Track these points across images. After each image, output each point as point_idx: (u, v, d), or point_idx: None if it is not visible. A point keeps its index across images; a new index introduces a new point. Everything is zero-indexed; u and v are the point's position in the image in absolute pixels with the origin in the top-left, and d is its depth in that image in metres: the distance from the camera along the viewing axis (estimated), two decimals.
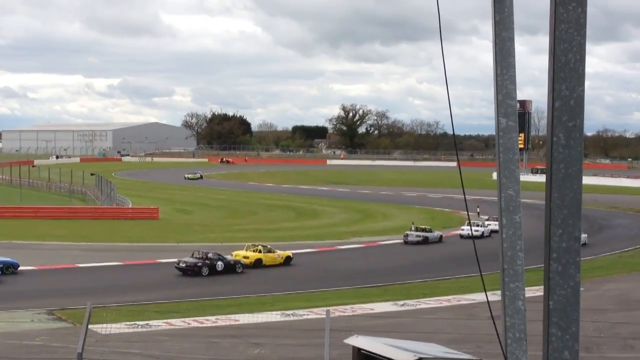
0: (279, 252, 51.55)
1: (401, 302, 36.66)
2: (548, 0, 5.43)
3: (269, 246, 52.16)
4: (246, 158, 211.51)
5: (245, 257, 49.43)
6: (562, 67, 5.22)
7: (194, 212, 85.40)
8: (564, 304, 5.30)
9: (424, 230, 63.23)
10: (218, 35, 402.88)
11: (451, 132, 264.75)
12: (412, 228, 63.74)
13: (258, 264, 49.39)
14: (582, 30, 5.27)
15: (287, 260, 51.24)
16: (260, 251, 50.46)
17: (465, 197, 8.66)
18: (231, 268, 47.20)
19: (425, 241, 61.48)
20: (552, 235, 5.29)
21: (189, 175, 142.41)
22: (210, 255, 47.03)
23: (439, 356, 8.92)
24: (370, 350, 9.34)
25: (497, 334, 6.47)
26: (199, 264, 46.02)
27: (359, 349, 9.76)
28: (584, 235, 74.36)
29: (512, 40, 6.23)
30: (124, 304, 35.20)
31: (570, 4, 5.21)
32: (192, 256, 46.82)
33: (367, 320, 31.65)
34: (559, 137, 5.23)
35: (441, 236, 63.77)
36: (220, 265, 46.70)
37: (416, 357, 8.37)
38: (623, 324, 29.99)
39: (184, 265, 46.06)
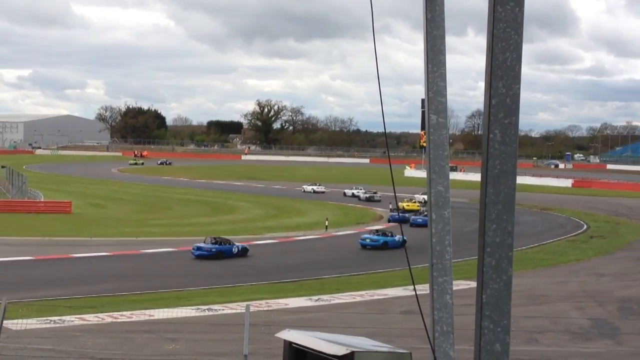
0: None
1: (315, 297, 36.88)
2: (459, 1, 5.53)
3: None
4: (144, 153, 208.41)
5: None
6: (499, 65, 5.32)
7: (107, 206, 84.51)
8: (496, 298, 5.41)
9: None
10: (131, 28, 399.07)
11: (364, 129, 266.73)
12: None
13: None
14: (519, 29, 5.39)
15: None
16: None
17: (395, 193, 8.75)
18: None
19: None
20: (487, 230, 5.39)
21: (131, 161, 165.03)
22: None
23: (370, 349, 8.99)
24: (303, 344, 9.37)
25: (425, 328, 6.56)
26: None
27: (291, 343, 9.77)
28: None
29: (443, 38, 6.34)
30: (36, 299, 34.68)
31: (508, 3, 5.32)
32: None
33: (284, 315, 31.71)
34: (495, 133, 5.34)
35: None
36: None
37: (348, 351, 8.42)
38: (528, 318, 30.56)
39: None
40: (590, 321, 32.46)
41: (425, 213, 65.60)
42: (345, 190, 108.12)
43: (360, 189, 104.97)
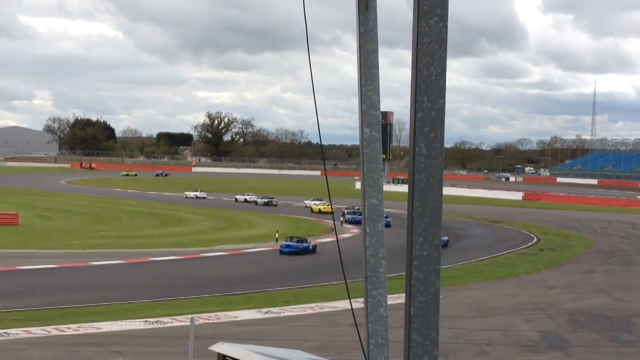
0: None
1: (265, 310, 36.88)
2: (410, 15, 5.59)
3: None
4: (92, 164, 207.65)
5: None
6: (424, 79, 5.38)
7: (55, 218, 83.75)
8: (424, 311, 5.44)
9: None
10: (78, 38, 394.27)
11: (315, 141, 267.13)
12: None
13: None
14: (443, 45, 5.45)
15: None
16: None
17: (331, 203, 8.80)
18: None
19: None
20: (414, 243, 5.43)
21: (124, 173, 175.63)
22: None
23: None
24: (235, 357, 9.38)
25: (360, 341, 6.60)
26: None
27: (224, 356, 9.79)
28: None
29: (375, 52, 6.38)
30: None
31: (432, 18, 5.38)
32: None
33: (232, 327, 31.70)
34: (421, 147, 5.39)
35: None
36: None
37: None
38: (479, 331, 30.81)
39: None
40: (540, 334, 32.79)
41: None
42: (237, 196, 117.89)
43: (252, 195, 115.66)
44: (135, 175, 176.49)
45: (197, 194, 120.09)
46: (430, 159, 5.36)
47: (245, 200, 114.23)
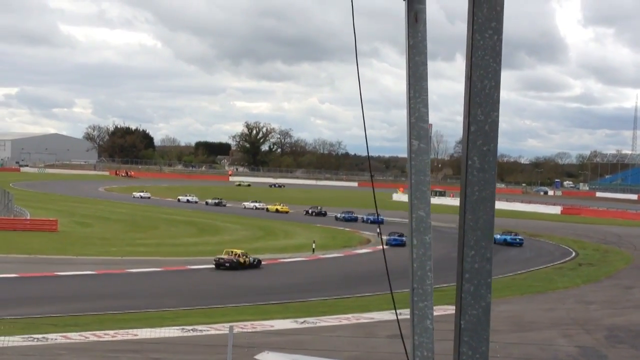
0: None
1: (301, 320, 36.82)
2: (448, 27, 5.60)
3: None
4: (131, 172, 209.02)
5: None
6: (477, 92, 5.36)
7: (94, 225, 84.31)
8: (474, 324, 5.41)
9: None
10: (118, 47, 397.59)
11: (353, 152, 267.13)
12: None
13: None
14: (497, 58, 5.43)
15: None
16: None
17: (378, 214, 8.78)
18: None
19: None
20: (465, 257, 5.41)
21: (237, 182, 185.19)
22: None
23: None
24: None
25: (406, 353, 6.57)
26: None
27: None
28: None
29: (425, 64, 6.37)
30: (20, 316, 34.56)
31: (486, 31, 5.37)
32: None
33: (268, 337, 31.68)
34: (474, 160, 5.37)
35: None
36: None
37: None
38: (516, 345, 30.61)
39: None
40: (578, 349, 32.50)
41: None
42: (180, 197, 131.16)
43: (193, 196, 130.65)
44: (249, 185, 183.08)
45: (142, 194, 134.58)
46: (483, 172, 5.34)
47: (188, 201, 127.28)
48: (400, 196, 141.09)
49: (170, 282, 49.64)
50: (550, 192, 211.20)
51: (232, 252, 57.38)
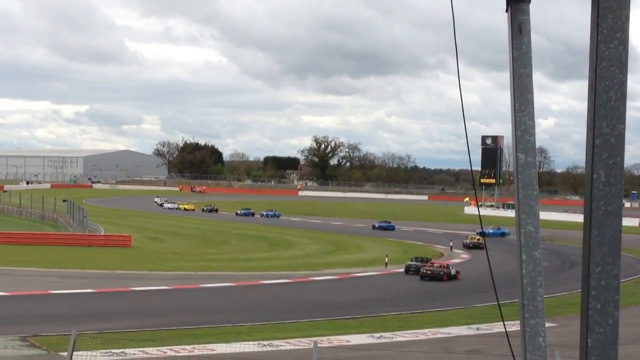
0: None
1: (377, 335, 36.54)
2: (535, 37, 5.49)
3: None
4: (202, 188, 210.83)
5: None
6: (603, 104, 5.23)
7: (166, 240, 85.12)
8: (602, 342, 5.28)
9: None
10: (184, 64, 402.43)
11: (422, 166, 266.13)
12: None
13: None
14: (623, 69, 5.29)
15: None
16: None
17: (482, 229, 8.64)
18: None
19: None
20: (591, 273, 5.28)
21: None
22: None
23: None
24: None
25: None
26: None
27: None
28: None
29: (530, 76, 6.26)
30: (97, 331, 34.85)
31: (612, 42, 5.24)
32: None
33: (346, 352, 31.53)
34: (599, 174, 5.24)
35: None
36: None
37: None
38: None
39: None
40: None
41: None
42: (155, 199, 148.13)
43: (164, 198, 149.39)
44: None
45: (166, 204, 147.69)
46: (610, 186, 5.21)
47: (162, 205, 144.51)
48: (472, 209, 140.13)
49: (244, 297, 49.73)
50: (627, 204, 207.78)
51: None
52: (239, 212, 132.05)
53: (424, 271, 59.17)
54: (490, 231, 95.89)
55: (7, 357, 28.71)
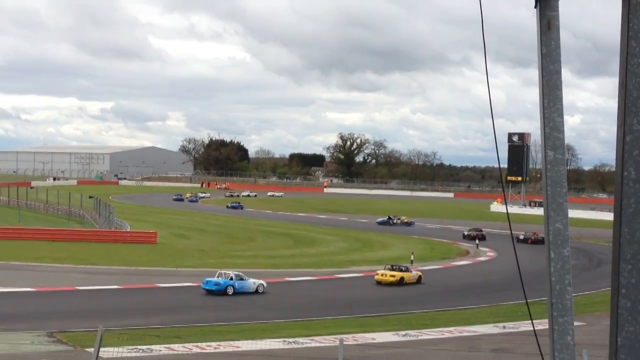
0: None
1: (403, 333, 36.48)
2: (562, 34, 5.42)
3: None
4: (226, 184, 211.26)
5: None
6: (634, 101, 5.17)
7: (191, 237, 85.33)
8: (632, 341, 5.21)
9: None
10: (208, 60, 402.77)
11: (448, 163, 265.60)
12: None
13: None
14: None
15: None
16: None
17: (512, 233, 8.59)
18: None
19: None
20: (622, 271, 5.20)
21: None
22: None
23: None
24: None
25: None
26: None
27: None
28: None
29: (559, 73, 6.19)
30: (123, 327, 34.96)
31: None
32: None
33: (371, 349, 31.47)
34: (630, 171, 5.17)
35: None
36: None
37: None
38: None
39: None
40: None
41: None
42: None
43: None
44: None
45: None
46: None
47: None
48: (498, 207, 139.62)
49: (269, 294, 49.73)
50: None
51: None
52: (229, 205, 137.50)
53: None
54: None
55: (33, 353, 28.85)
